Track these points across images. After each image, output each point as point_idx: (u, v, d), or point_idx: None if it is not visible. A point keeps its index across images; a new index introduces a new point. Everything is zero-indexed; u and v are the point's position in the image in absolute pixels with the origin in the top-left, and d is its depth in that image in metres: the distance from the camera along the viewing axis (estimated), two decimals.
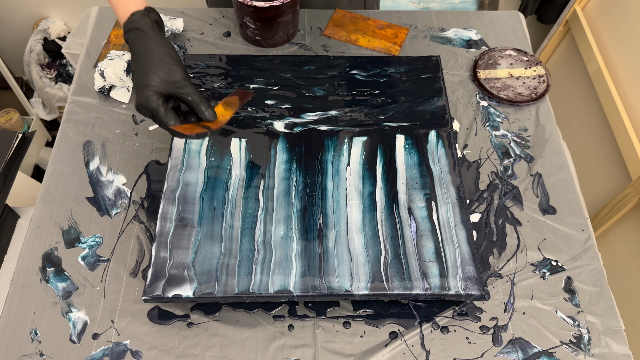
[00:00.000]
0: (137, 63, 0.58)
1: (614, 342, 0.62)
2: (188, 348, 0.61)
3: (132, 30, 0.58)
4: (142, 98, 0.56)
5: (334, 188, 0.68)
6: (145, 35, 0.58)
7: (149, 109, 0.56)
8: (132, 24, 0.59)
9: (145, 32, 0.58)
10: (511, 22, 0.94)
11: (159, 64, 0.57)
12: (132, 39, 0.58)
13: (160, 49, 0.58)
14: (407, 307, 0.64)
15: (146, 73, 0.56)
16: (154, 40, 0.58)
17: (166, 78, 0.56)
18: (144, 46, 0.58)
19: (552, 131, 0.80)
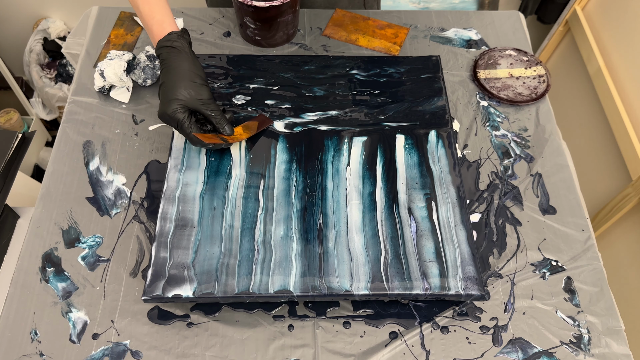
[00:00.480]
0: (169, 77, 0.64)
1: (614, 342, 0.62)
2: (188, 348, 0.61)
3: (168, 47, 0.65)
4: (170, 109, 0.63)
5: (334, 188, 0.67)
6: (180, 54, 0.65)
7: (175, 119, 0.64)
8: (168, 42, 0.65)
9: (180, 50, 0.65)
10: (511, 22, 0.94)
11: (189, 81, 0.64)
12: (167, 54, 0.65)
13: (193, 68, 0.65)
14: (407, 307, 0.64)
15: (177, 88, 0.63)
16: (187, 60, 0.65)
17: (195, 95, 0.64)
18: (177, 63, 0.64)
19: (552, 131, 0.80)
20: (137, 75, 0.82)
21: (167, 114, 0.64)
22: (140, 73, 0.81)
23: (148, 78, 0.82)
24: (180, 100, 0.63)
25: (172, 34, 0.66)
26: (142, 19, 0.68)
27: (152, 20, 0.67)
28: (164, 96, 0.64)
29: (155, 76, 0.83)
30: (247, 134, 0.69)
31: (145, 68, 0.81)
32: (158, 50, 0.66)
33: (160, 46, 0.66)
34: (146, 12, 0.67)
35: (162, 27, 0.66)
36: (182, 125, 0.64)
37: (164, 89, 0.64)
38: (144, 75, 0.82)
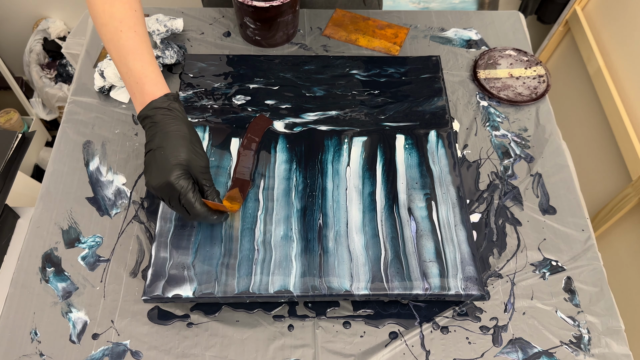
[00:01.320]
0: (168, 141, 0.57)
1: (614, 342, 0.62)
2: (188, 348, 0.61)
3: (164, 109, 0.58)
4: (172, 175, 0.55)
5: (334, 188, 0.67)
6: (178, 116, 0.59)
7: (178, 187, 0.56)
8: (165, 104, 0.59)
9: (179, 112, 0.59)
10: (511, 22, 0.94)
11: (190, 146, 0.58)
12: (162, 116, 0.58)
13: (192, 133, 0.59)
14: (407, 307, 0.64)
15: (179, 152, 0.56)
16: (185, 123, 0.59)
17: (196, 162, 0.58)
18: (176, 126, 0.58)
19: (552, 131, 0.80)
20: None
21: (168, 182, 0.55)
22: None
23: None
24: (184, 165, 0.56)
25: (169, 95, 0.60)
26: (131, 76, 0.60)
27: (145, 78, 0.60)
28: (162, 161, 0.56)
29: None
30: (237, 205, 0.64)
31: None
32: (150, 111, 0.58)
33: (154, 107, 0.58)
34: (138, 70, 0.60)
35: (157, 87, 0.60)
36: (185, 194, 0.56)
37: (162, 153, 0.56)
38: None
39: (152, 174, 0.56)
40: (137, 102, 0.60)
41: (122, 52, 0.60)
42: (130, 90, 0.61)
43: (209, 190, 0.59)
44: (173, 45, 0.85)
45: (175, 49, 0.85)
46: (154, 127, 0.58)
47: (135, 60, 0.60)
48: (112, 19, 0.61)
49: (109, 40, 0.61)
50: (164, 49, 0.83)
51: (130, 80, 0.60)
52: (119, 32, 0.60)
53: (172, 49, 0.84)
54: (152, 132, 0.58)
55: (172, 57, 0.84)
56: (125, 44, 0.60)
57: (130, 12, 0.62)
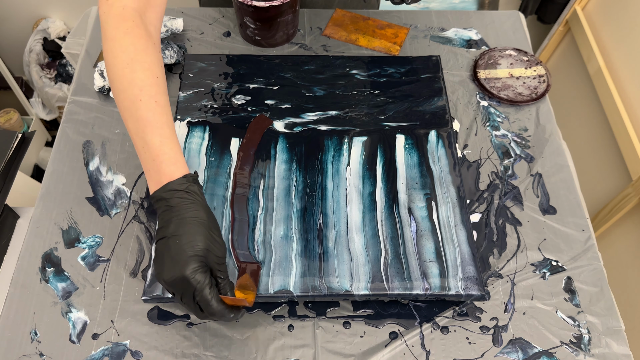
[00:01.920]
0: (185, 228, 0.51)
1: (614, 342, 0.62)
2: (188, 348, 0.60)
3: (182, 192, 0.53)
4: (188, 269, 0.49)
5: (334, 188, 0.67)
6: (196, 201, 0.53)
7: (194, 282, 0.50)
8: (183, 186, 0.53)
9: (198, 195, 0.54)
10: (511, 22, 0.94)
11: (209, 234, 0.52)
12: (179, 200, 0.52)
13: (211, 219, 0.54)
14: (407, 307, 0.64)
15: (196, 242, 0.51)
16: (204, 208, 0.54)
17: (213, 251, 0.52)
18: (194, 212, 0.52)
19: (552, 131, 0.80)
20: None
21: (184, 276, 0.49)
22: None
23: None
24: (201, 257, 0.50)
25: (188, 176, 0.54)
26: (147, 151, 0.54)
27: (163, 155, 0.53)
28: (176, 252, 0.50)
29: None
30: (251, 294, 0.58)
31: None
32: (167, 194, 0.52)
33: (171, 189, 0.53)
34: (156, 145, 0.54)
35: (176, 167, 0.54)
36: (202, 290, 0.50)
37: (177, 242, 0.50)
38: None
39: (164, 266, 0.51)
40: (152, 180, 0.54)
41: (140, 123, 0.54)
42: (145, 166, 0.55)
43: (222, 282, 0.53)
44: (173, 45, 0.85)
45: (175, 49, 0.85)
46: (169, 212, 0.52)
47: (153, 135, 0.54)
48: (131, 85, 0.55)
49: (126, 108, 0.55)
50: (164, 49, 0.83)
51: (146, 155, 0.54)
52: (138, 101, 0.54)
53: (172, 48, 0.84)
54: (167, 217, 0.52)
55: (172, 57, 0.83)
56: (144, 115, 0.54)
57: (151, 80, 0.56)
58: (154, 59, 0.57)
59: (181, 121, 0.74)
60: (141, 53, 0.56)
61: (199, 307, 0.52)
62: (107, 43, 0.57)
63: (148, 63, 0.56)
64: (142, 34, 0.57)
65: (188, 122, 0.73)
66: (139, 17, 0.58)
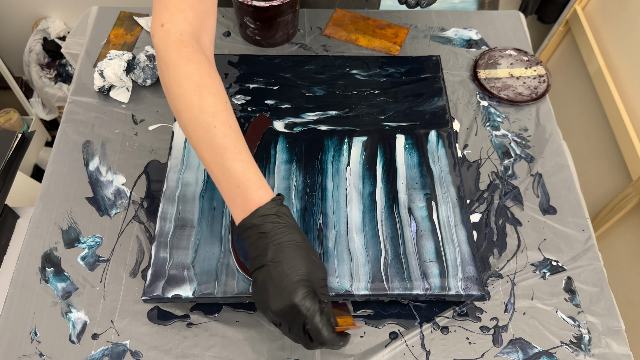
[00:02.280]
0: (283, 255, 0.49)
1: (614, 343, 0.62)
2: (188, 348, 0.60)
3: (274, 215, 0.51)
4: (298, 296, 0.47)
5: (334, 188, 0.67)
6: (289, 223, 0.51)
7: (304, 309, 0.47)
8: (274, 209, 0.51)
9: (290, 218, 0.52)
10: (511, 22, 0.94)
11: (308, 257, 0.50)
12: (272, 225, 0.50)
13: (306, 240, 0.52)
14: (407, 308, 0.64)
15: (298, 266, 0.49)
16: (298, 230, 0.52)
17: (316, 274, 0.50)
18: (290, 236, 0.50)
19: (552, 131, 0.80)
20: (136, 75, 0.82)
21: (293, 304, 0.47)
22: (140, 73, 0.81)
23: (148, 78, 0.82)
24: (307, 281, 0.48)
25: (277, 199, 0.52)
26: (229, 178, 0.52)
27: (248, 181, 0.51)
28: (281, 279, 0.48)
29: (154, 76, 0.82)
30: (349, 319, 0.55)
31: (145, 68, 0.81)
32: (258, 220, 0.50)
33: (262, 214, 0.50)
34: (238, 172, 0.52)
35: (262, 191, 0.52)
36: (313, 317, 0.47)
37: (278, 269, 0.48)
38: (144, 75, 0.82)
39: (271, 296, 0.48)
40: (239, 208, 0.52)
41: (218, 151, 0.52)
42: (228, 194, 0.53)
43: (325, 307, 0.50)
44: None
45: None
46: (264, 239, 0.50)
47: (234, 161, 0.52)
48: (202, 112, 0.52)
49: (200, 137, 0.53)
50: None
51: (228, 183, 0.52)
52: (213, 127, 0.52)
53: None
54: (263, 245, 0.50)
55: None
56: (220, 141, 0.52)
57: (221, 105, 0.54)
58: (219, 84, 0.55)
59: None
60: (207, 78, 0.54)
61: (309, 337, 0.49)
62: (168, 71, 0.54)
63: (215, 88, 0.54)
64: (203, 59, 0.55)
65: None
66: (197, 42, 0.55)
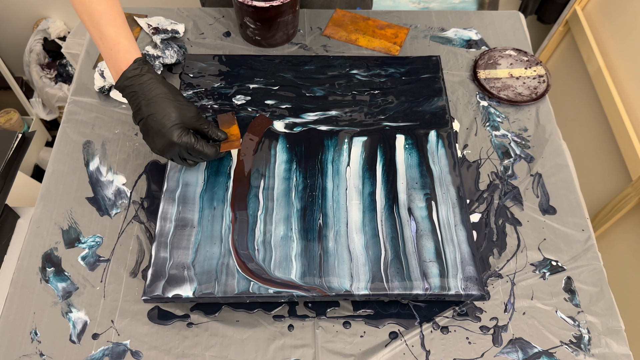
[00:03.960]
0: (154, 106, 0.59)
1: (614, 342, 0.62)
2: (188, 348, 0.61)
3: (138, 76, 0.60)
4: (175, 136, 0.59)
5: (334, 188, 0.67)
6: (152, 79, 0.60)
7: (184, 143, 0.60)
8: (137, 70, 0.60)
9: (153, 75, 0.61)
10: (511, 22, 0.94)
11: (176, 104, 0.60)
12: (139, 85, 0.60)
13: (171, 89, 0.61)
14: (407, 307, 0.64)
15: (169, 113, 0.59)
16: (162, 83, 0.61)
17: (187, 114, 0.61)
18: (156, 90, 0.60)
19: (552, 131, 0.80)
20: None
21: (173, 142, 0.59)
22: None
23: None
24: (179, 123, 0.60)
25: (138, 60, 0.60)
26: (104, 42, 0.61)
27: (117, 45, 0.60)
28: (158, 126, 0.59)
29: None
30: (235, 127, 0.68)
31: None
32: (127, 82, 0.60)
33: (129, 77, 0.60)
34: (111, 35, 0.60)
35: (130, 54, 0.60)
36: (192, 146, 0.61)
37: (154, 119, 0.59)
38: None
39: (154, 140, 0.60)
40: (113, 70, 0.61)
41: (95, 16, 0.60)
42: (105, 56, 0.61)
43: (208, 129, 0.64)
44: (173, 45, 0.85)
45: (175, 49, 0.85)
46: (136, 96, 0.60)
47: (108, 25, 0.60)
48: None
49: (81, 4, 0.60)
50: (164, 49, 0.83)
51: (104, 46, 0.61)
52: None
53: (172, 48, 0.84)
54: (137, 102, 0.60)
55: (172, 57, 0.84)
56: (97, 7, 0.60)
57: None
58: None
59: None
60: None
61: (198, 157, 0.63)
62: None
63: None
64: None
65: None
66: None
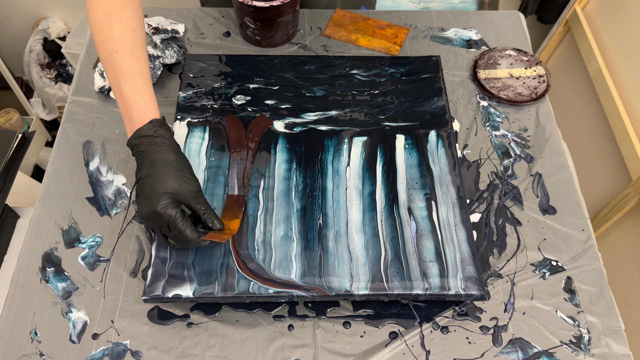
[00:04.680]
0: (153, 169, 0.57)
1: (614, 342, 0.62)
2: (188, 348, 0.61)
3: (150, 137, 0.58)
4: (160, 205, 0.55)
5: (334, 188, 0.67)
6: (163, 144, 0.58)
7: (167, 216, 0.56)
8: (150, 131, 0.58)
9: (163, 140, 0.58)
10: (511, 22, 0.94)
11: (178, 173, 0.57)
12: (148, 145, 0.58)
13: (179, 159, 0.58)
14: (407, 307, 0.64)
15: (165, 180, 0.56)
16: (172, 150, 0.58)
17: (186, 188, 0.57)
18: (162, 154, 0.57)
19: (552, 131, 0.80)
20: None
21: (156, 212, 0.55)
22: None
23: None
24: (171, 193, 0.56)
25: (154, 122, 0.58)
26: (122, 101, 0.59)
27: (134, 104, 0.59)
28: (149, 191, 0.56)
29: (155, 76, 0.82)
30: (236, 221, 0.63)
31: None
32: (137, 140, 0.58)
33: (140, 135, 0.58)
34: (128, 95, 0.59)
35: (145, 114, 0.58)
36: (174, 222, 0.56)
37: (149, 182, 0.56)
38: None
39: (142, 203, 0.57)
40: (127, 128, 0.60)
41: (117, 74, 0.59)
42: (122, 115, 0.60)
43: (205, 213, 0.58)
44: (173, 45, 0.85)
45: (175, 49, 0.85)
46: (142, 156, 0.58)
47: (127, 85, 0.59)
48: (109, 39, 0.59)
49: (105, 60, 0.60)
50: (164, 48, 0.83)
51: (121, 105, 0.60)
52: (115, 53, 0.59)
53: (172, 48, 0.84)
54: (140, 161, 0.58)
55: (172, 57, 0.84)
56: (119, 66, 0.59)
57: (128, 33, 0.60)
58: (131, 14, 0.61)
59: (181, 121, 0.74)
60: (119, 7, 0.60)
61: (177, 239, 0.58)
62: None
63: (126, 17, 0.60)
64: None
65: (188, 122, 0.73)
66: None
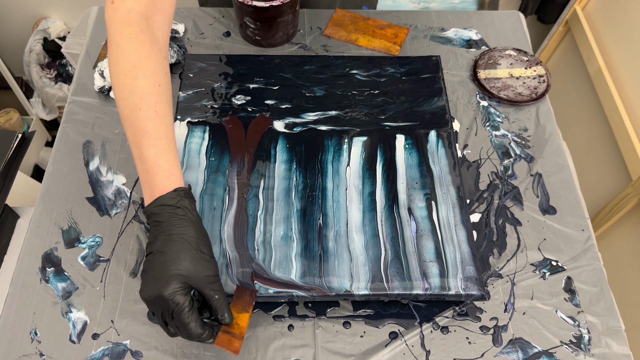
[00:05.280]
0: (170, 245, 0.49)
1: (614, 342, 0.62)
2: (188, 348, 0.60)
3: (172, 207, 0.51)
4: (168, 289, 0.48)
5: (334, 188, 0.67)
6: (185, 217, 0.51)
7: (172, 304, 0.48)
8: (173, 200, 0.51)
9: (188, 210, 0.51)
10: (511, 22, 0.94)
11: (195, 252, 0.50)
12: (168, 216, 0.50)
13: (200, 236, 0.52)
14: (407, 307, 0.64)
15: (180, 260, 0.49)
16: (193, 225, 0.51)
17: (201, 271, 0.50)
18: (182, 229, 0.50)
19: (552, 131, 0.80)
20: None
21: (162, 296, 0.48)
22: None
23: None
24: (184, 276, 0.49)
25: (179, 190, 0.52)
26: (142, 163, 0.52)
27: (156, 168, 0.51)
28: (159, 269, 0.49)
29: None
30: (246, 317, 0.55)
31: None
32: (156, 209, 0.51)
33: (161, 204, 0.51)
34: (150, 157, 0.52)
35: (169, 181, 0.51)
36: (180, 312, 0.48)
37: (161, 259, 0.49)
38: None
39: (147, 283, 0.49)
40: (146, 194, 0.53)
41: (138, 133, 0.52)
42: (142, 179, 0.53)
43: (218, 302, 0.51)
44: (173, 45, 0.85)
45: (176, 49, 0.85)
46: (158, 228, 0.51)
47: (149, 146, 0.52)
48: (132, 93, 0.53)
49: (126, 117, 0.53)
50: None
51: (141, 167, 0.53)
52: (138, 110, 0.52)
53: (172, 48, 0.84)
54: (155, 233, 0.51)
55: (172, 57, 0.84)
56: (142, 125, 0.52)
57: (153, 88, 0.54)
58: (157, 66, 0.55)
59: (181, 121, 0.74)
60: (144, 60, 0.54)
61: (178, 329, 0.50)
62: (111, 48, 0.55)
63: (151, 71, 0.54)
64: (146, 39, 0.55)
65: (188, 122, 0.73)
66: (145, 22, 0.56)
